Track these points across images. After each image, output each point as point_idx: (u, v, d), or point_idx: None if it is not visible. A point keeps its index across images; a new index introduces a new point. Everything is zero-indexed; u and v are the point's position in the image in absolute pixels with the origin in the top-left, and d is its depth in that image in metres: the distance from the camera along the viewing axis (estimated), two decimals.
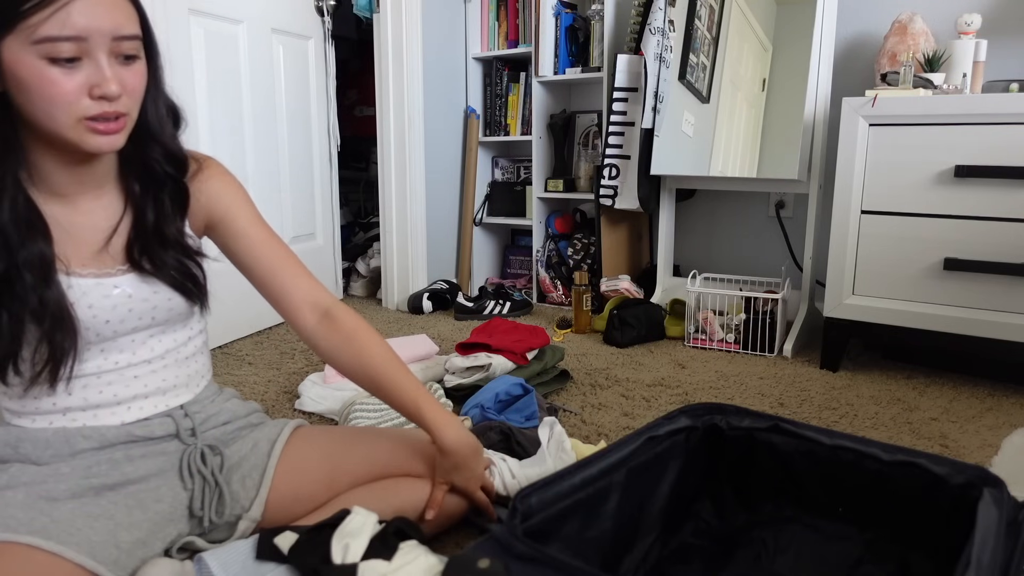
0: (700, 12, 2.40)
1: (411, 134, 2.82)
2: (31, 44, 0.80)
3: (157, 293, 0.99)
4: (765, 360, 2.21)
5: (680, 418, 1.08)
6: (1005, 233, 1.79)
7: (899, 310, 1.93)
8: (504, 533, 0.77)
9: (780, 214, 2.66)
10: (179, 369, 1.05)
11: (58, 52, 0.80)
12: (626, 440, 0.99)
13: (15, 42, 0.80)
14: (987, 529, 0.78)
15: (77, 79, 0.82)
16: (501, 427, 1.39)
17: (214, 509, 1.02)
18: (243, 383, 2.00)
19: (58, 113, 0.83)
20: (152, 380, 1.01)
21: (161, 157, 0.97)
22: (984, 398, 1.85)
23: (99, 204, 0.96)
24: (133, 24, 0.86)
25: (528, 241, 3.18)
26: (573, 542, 0.90)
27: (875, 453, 0.98)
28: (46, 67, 0.81)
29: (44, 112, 0.83)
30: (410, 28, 2.75)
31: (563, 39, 2.84)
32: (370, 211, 4.00)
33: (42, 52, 0.80)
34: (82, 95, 0.83)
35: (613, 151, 2.59)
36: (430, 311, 2.85)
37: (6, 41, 0.80)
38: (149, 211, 0.98)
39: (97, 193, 0.96)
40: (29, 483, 0.90)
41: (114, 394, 0.98)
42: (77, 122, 0.84)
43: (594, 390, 1.94)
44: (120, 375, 0.98)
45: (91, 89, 0.83)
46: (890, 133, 1.89)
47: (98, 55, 0.83)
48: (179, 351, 1.05)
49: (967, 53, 2.00)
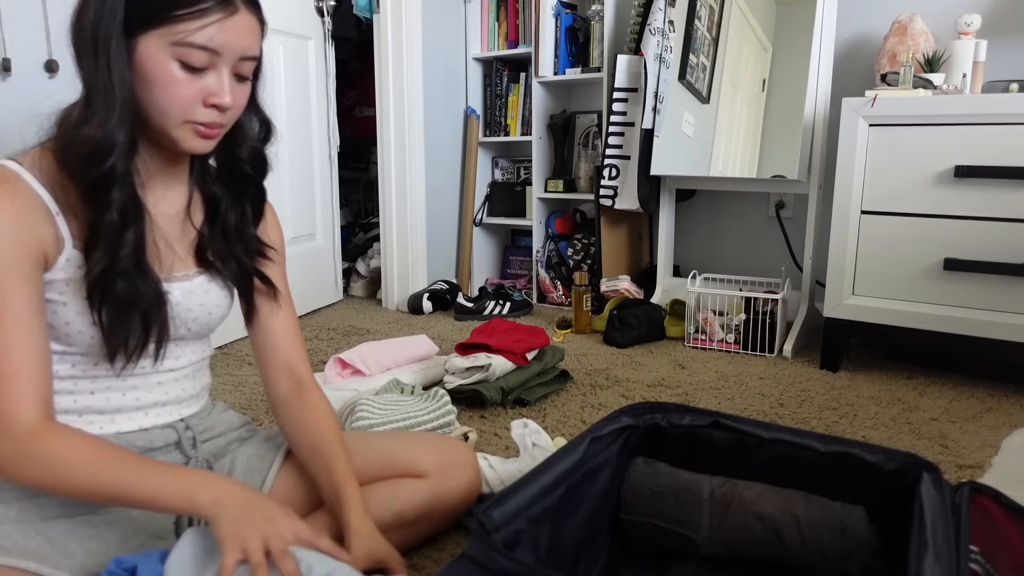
0: (700, 12, 2.40)
1: (411, 134, 2.82)
2: (170, 45, 0.83)
3: (203, 305, 1.00)
4: (765, 360, 2.21)
5: (621, 418, 1.09)
6: (1005, 233, 1.79)
7: (899, 310, 1.93)
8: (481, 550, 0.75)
9: (780, 214, 2.66)
10: (195, 380, 1.05)
11: (192, 59, 0.84)
12: (574, 443, 1.00)
13: (155, 38, 0.83)
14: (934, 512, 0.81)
15: (198, 85, 0.86)
16: None
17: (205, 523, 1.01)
18: (243, 383, 2.00)
19: (173, 111, 0.86)
20: (173, 389, 1.01)
21: (247, 157, 1.00)
22: (984, 398, 1.85)
23: (168, 197, 0.98)
24: (258, 47, 0.91)
25: (528, 241, 3.18)
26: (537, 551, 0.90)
27: (811, 445, 1.01)
28: (176, 68, 0.84)
29: (159, 107, 0.86)
30: (410, 29, 2.75)
31: (563, 39, 2.84)
32: (370, 211, 4.00)
33: (177, 54, 0.83)
34: (198, 102, 0.87)
35: (613, 151, 2.59)
36: (430, 311, 2.85)
37: (147, 35, 0.83)
38: (231, 213, 1.01)
39: (166, 187, 0.98)
40: (21, 498, 0.88)
41: (136, 399, 0.97)
42: (185, 123, 0.87)
43: (594, 390, 1.94)
44: (145, 380, 0.97)
45: (207, 97, 0.87)
46: (890, 133, 1.89)
47: (222, 68, 0.87)
48: (197, 363, 1.05)
49: (967, 53, 2.00)
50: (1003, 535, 0.84)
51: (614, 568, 1.05)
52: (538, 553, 0.90)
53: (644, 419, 1.11)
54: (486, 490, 1.25)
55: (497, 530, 0.83)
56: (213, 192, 1.01)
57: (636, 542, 1.07)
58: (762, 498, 0.99)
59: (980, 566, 0.78)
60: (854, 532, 0.93)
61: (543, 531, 0.91)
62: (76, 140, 0.84)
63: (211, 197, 1.01)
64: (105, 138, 0.83)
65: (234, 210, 1.02)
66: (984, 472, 1.45)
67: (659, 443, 1.12)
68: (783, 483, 1.02)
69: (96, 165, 0.83)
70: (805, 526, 0.95)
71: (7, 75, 1.78)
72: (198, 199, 1.01)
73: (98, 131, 0.83)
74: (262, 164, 1.02)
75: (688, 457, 1.10)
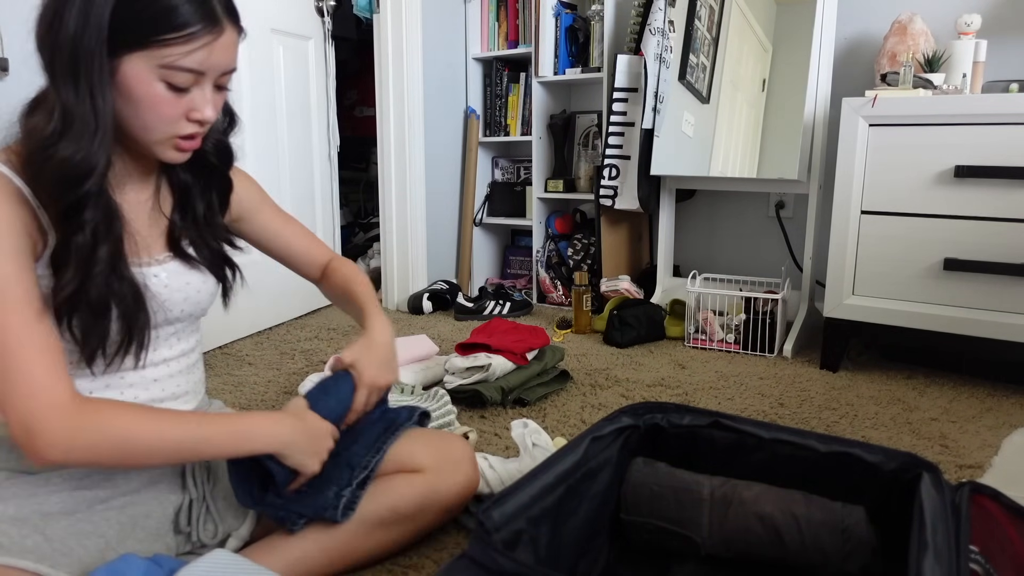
0: (700, 12, 2.40)
1: (411, 134, 2.82)
2: (156, 67, 0.83)
3: (190, 284, 1.01)
4: (765, 360, 2.21)
5: (622, 418, 1.09)
6: (1005, 233, 1.79)
7: (899, 310, 1.93)
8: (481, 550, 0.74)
9: (780, 214, 2.66)
10: (189, 375, 1.05)
11: (178, 80, 0.84)
12: (574, 443, 1.00)
13: (141, 59, 0.82)
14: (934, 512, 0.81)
15: (183, 103, 0.87)
16: None
17: (202, 526, 1.01)
18: (243, 383, 2.00)
19: (157, 128, 0.87)
20: (168, 385, 1.01)
21: (213, 149, 1.01)
22: (984, 398, 1.85)
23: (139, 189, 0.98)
24: (237, 58, 0.91)
25: (528, 241, 3.18)
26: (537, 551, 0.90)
27: (812, 445, 1.01)
28: (162, 89, 0.84)
29: (142, 124, 0.87)
30: (410, 28, 2.75)
31: (563, 39, 2.84)
32: (370, 211, 4.00)
33: (163, 76, 0.83)
34: (181, 117, 0.87)
35: (613, 151, 2.59)
36: (430, 311, 2.85)
37: (133, 55, 0.82)
38: (199, 202, 1.03)
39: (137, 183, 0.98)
40: (19, 495, 0.88)
41: (134, 397, 0.97)
42: (169, 138, 0.88)
43: (594, 390, 1.94)
44: (140, 376, 0.97)
45: (190, 112, 0.88)
46: (890, 133, 1.89)
47: (206, 85, 0.88)
48: (189, 356, 1.05)
49: (967, 53, 2.00)
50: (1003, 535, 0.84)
51: (614, 568, 1.05)
52: (538, 553, 0.90)
53: (644, 419, 1.11)
54: (486, 490, 1.25)
55: (497, 530, 0.83)
56: (183, 181, 1.02)
57: (636, 542, 1.07)
58: (762, 498, 0.99)
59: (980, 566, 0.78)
60: (854, 532, 0.93)
61: (543, 531, 0.91)
62: (51, 160, 0.81)
63: (180, 186, 1.02)
64: (84, 162, 0.82)
65: (202, 200, 1.03)
66: (984, 472, 1.45)
67: (659, 443, 1.12)
68: (783, 483, 1.03)
69: (74, 188, 0.82)
70: (805, 526, 0.95)
71: None
72: (165, 187, 1.02)
73: (76, 154, 0.81)
74: (228, 155, 1.04)
75: (688, 457, 1.10)
